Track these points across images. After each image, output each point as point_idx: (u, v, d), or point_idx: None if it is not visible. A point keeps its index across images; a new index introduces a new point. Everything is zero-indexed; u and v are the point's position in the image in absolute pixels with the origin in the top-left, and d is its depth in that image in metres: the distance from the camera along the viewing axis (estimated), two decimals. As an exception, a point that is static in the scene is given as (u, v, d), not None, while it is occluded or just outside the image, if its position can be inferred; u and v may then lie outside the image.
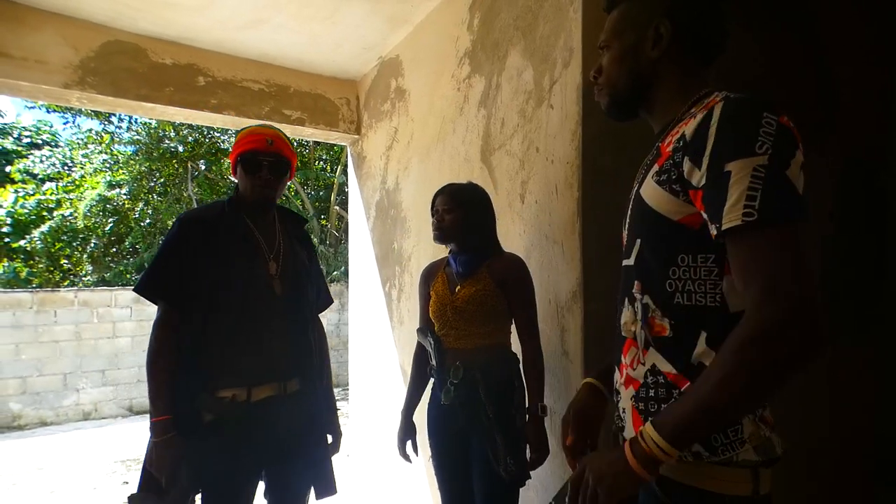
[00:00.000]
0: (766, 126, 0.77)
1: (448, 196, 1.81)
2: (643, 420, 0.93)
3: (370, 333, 3.47)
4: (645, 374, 0.94)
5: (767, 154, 0.76)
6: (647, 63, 0.99)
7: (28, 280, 9.57)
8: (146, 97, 2.88)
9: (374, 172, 3.46)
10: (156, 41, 2.92)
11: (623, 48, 1.02)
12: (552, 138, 1.90)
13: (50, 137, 12.69)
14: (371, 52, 3.22)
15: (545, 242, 1.92)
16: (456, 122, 2.53)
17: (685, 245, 0.88)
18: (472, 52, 2.41)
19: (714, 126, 0.81)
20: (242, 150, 1.69)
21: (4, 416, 6.65)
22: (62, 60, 2.67)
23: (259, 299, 1.67)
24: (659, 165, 0.92)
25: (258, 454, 1.66)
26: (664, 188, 0.89)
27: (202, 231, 1.64)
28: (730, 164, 0.77)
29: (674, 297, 0.90)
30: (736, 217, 0.76)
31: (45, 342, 6.91)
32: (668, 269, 0.90)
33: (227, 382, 1.60)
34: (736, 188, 0.76)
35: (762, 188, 0.75)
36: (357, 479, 3.60)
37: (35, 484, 4.63)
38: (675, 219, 0.89)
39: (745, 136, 0.78)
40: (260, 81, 3.25)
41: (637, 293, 0.96)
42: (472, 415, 1.66)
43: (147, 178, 10.38)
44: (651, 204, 0.92)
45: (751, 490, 0.85)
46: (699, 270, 0.87)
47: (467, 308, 1.72)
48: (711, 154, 0.81)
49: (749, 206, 0.75)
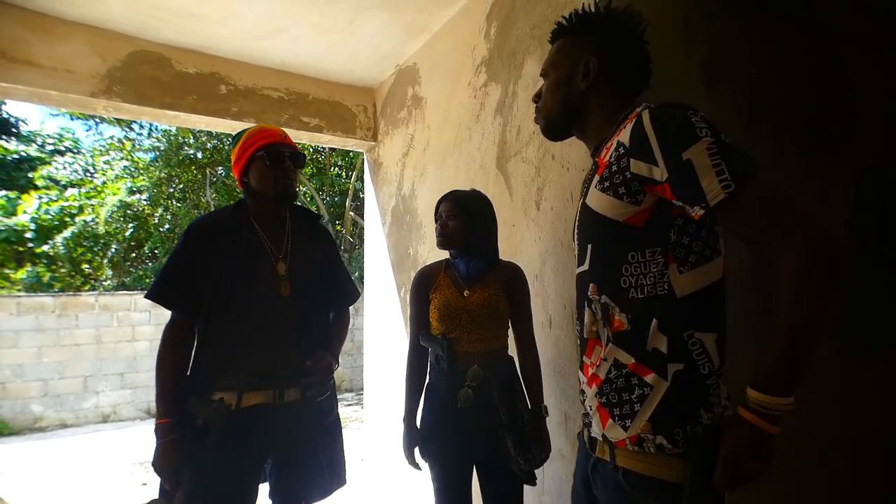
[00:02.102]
0: (693, 117, 0.91)
1: (452, 202, 1.84)
2: (609, 413, 1.01)
3: (385, 338, 3.50)
4: (608, 369, 1.02)
5: (709, 135, 0.89)
6: (577, 93, 1.14)
7: (50, 284, 9.76)
8: (170, 105, 2.95)
9: (391, 179, 3.50)
10: (180, 50, 2.99)
11: (557, 78, 1.17)
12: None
13: (72, 144, 13.00)
14: (388, 61, 3.27)
15: (560, 249, 1.94)
16: (472, 130, 2.56)
17: (632, 243, 0.98)
18: (489, 61, 2.44)
19: (650, 127, 0.93)
20: (263, 144, 1.67)
21: (26, 417, 6.78)
22: (90, 70, 2.75)
23: (263, 301, 1.63)
24: (599, 175, 1.03)
25: (252, 459, 1.62)
26: (608, 194, 1.00)
27: (208, 236, 1.65)
28: (685, 152, 0.89)
29: (629, 293, 0.99)
30: (718, 192, 0.86)
31: (66, 345, 7.04)
32: (621, 268, 0.99)
33: (220, 386, 1.58)
34: (704, 170, 0.87)
35: (723, 161, 0.87)
36: (372, 483, 3.61)
37: (56, 484, 4.71)
38: (622, 220, 0.98)
39: (686, 128, 0.90)
40: (279, 89, 3.32)
41: (594, 295, 1.05)
42: (486, 416, 1.67)
43: (166, 184, 10.55)
44: (598, 210, 1.02)
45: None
46: (648, 265, 0.97)
47: (481, 312, 1.75)
48: (662, 150, 0.92)
49: (723, 179, 0.86)
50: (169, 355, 1.60)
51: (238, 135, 1.73)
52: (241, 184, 1.73)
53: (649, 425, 0.95)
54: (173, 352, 1.60)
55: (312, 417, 1.72)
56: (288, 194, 1.71)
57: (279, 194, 1.69)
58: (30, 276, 9.64)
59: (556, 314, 1.93)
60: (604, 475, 1.04)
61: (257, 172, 1.68)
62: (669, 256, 0.95)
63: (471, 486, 1.79)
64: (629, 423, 0.97)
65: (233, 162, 1.73)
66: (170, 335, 1.62)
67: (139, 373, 7.50)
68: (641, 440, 0.95)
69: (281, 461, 1.69)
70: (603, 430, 1.03)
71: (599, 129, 1.12)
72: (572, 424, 1.86)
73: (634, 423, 0.96)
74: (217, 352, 1.60)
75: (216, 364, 1.59)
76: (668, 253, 0.95)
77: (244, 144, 1.69)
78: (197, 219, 1.73)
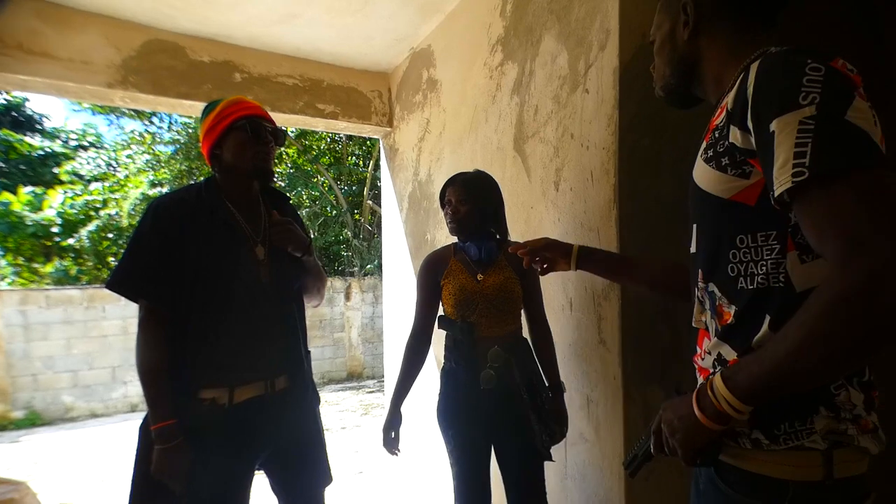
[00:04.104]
0: (810, 74, 0.70)
1: (461, 187, 1.80)
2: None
3: (404, 325, 3.48)
4: (713, 363, 0.90)
5: (814, 103, 0.68)
6: (682, 45, 0.98)
7: (77, 278, 9.98)
8: (185, 95, 2.95)
9: (407, 164, 3.47)
10: (194, 39, 2.98)
11: (662, 38, 1.03)
12: (587, 124, 1.86)
13: (95, 139, 13.22)
14: (403, 44, 3.22)
15: (580, 230, 1.89)
16: (488, 111, 2.51)
17: (742, 224, 0.83)
18: (505, 39, 2.38)
19: (751, 84, 0.76)
20: (244, 115, 1.54)
21: (58, 408, 6.98)
22: (105, 60, 2.76)
23: (244, 289, 1.53)
24: (706, 142, 0.88)
25: (251, 456, 1.56)
26: (711, 165, 0.85)
27: (179, 218, 1.49)
28: (773, 122, 0.71)
29: (737, 282, 0.84)
30: (786, 180, 0.69)
31: (94, 337, 7.22)
32: (728, 253, 0.85)
33: (209, 382, 1.48)
34: (782, 148, 0.69)
35: (811, 141, 0.67)
36: (394, 469, 3.63)
37: (87, 473, 4.84)
38: (727, 197, 0.83)
39: (786, 89, 0.71)
40: (294, 76, 3.30)
41: (701, 283, 0.93)
42: (508, 397, 1.68)
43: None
44: (701, 185, 0.88)
45: (822, 475, 0.78)
46: (760, 250, 0.81)
47: (497, 296, 1.74)
48: (753, 115, 0.75)
49: (798, 165, 0.67)
50: (152, 351, 1.45)
51: (211, 104, 1.59)
52: (209, 158, 1.59)
53: (747, 420, 0.82)
54: (157, 347, 1.45)
55: (305, 405, 1.68)
56: (266, 170, 1.59)
57: (257, 169, 1.57)
58: (57, 269, 9.86)
59: (576, 297, 1.89)
60: (704, 470, 0.94)
61: (235, 144, 1.54)
62: (789, 242, 0.78)
63: (489, 469, 1.80)
64: None
65: (203, 132, 1.57)
66: (147, 331, 1.46)
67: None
68: (737, 434, 0.84)
69: (281, 454, 1.63)
70: None
71: (719, 81, 0.94)
72: (594, 407, 1.82)
73: None
74: (199, 347, 1.47)
75: (199, 360, 1.47)
76: (787, 238, 0.78)
77: (220, 114, 1.55)
78: (161, 197, 1.56)
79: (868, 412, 0.79)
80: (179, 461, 1.42)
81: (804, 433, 0.78)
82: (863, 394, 0.79)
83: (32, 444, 5.93)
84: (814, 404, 0.78)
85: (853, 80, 0.71)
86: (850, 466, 0.78)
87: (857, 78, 0.72)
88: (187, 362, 1.47)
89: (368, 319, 9.35)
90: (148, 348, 1.45)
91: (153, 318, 1.47)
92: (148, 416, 1.46)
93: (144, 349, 1.45)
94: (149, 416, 1.45)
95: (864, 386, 0.79)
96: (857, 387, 0.79)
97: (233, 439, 1.49)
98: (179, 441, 1.42)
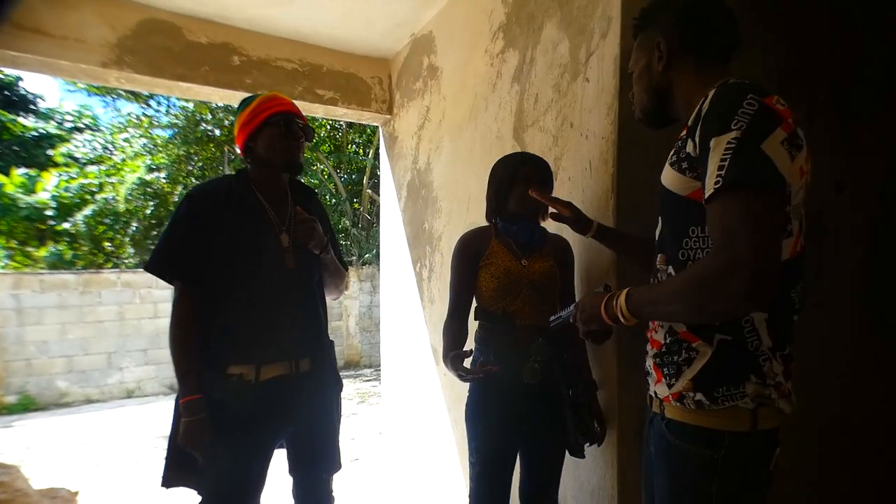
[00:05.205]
0: (746, 106, 0.89)
1: (542, 170, 1.72)
2: (661, 373, 1.12)
3: (401, 314, 3.49)
4: (664, 335, 1.11)
5: (740, 129, 0.87)
6: (657, 76, 1.18)
7: (72, 262, 9.93)
8: (182, 77, 2.90)
9: (406, 153, 3.45)
10: (191, 19, 2.92)
11: (640, 71, 1.23)
12: (587, 113, 1.85)
13: (91, 122, 12.98)
14: (403, 29, 3.19)
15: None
16: (488, 99, 2.49)
17: (694, 217, 1.01)
18: (507, 26, 2.36)
19: (705, 108, 0.95)
20: (279, 111, 1.64)
21: (52, 393, 6.97)
22: (100, 39, 2.70)
23: (271, 273, 1.63)
24: (673, 150, 1.08)
25: (272, 433, 1.65)
26: (674, 168, 1.05)
27: (212, 205, 1.61)
28: (714, 139, 0.90)
29: (686, 265, 1.05)
30: (710, 186, 0.89)
31: (89, 322, 7.21)
32: (682, 240, 1.05)
33: (237, 360, 1.58)
34: (713, 161, 0.89)
35: (730, 159, 0.87)
36: (390, 457, 3.64)
37: (81, 458, 4.85)
38: (684, 194, 1.03)
39: (725, 115, 0.90)
40: (293, 61, 3.25)
41: (661, 265, 1.14)
42: (550, 392, 1.62)
43: (185, 161, 10.61)
44: (665, 184, 1.08)
45: (748, 426, 1.00)
46: (706, 240, 1.01)
47: (543, 283, 1.68)
48: (701, 132, 0.94)
49: (719, 176, 0.88)
50: (183, 330, 1.57)
51: (248, 99, 1.70)
52: (243, 150, 1.69)
53: (691, 384, 1.04)
54: (187, 326, 1.57)
55: (327, 390, 1.77)
56: (295, 164, 1.69)
57: (287, 162, 1.67)
58: (52, 254, 9.81)
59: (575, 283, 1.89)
60: (655, 428, 1.15)
61: (268, 138, 1.64)
62: None
63: (512, 476, 1.73)
64: (674, 381, 1.07)
65: (239, 126, 1.68)
66: (180, 310, 1.58)
67: (162, 349, 7.64)
68: (682, 396, 1.05)
69: (300, 435, 1.72)
70: (655, 388, 1.15)
71: (690, 103, 1.10)
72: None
73: (678, 382, 1.06)
74: (228, 325, 1.58)
75: (228, 338, 1.58)
76: None
77: (257, 108, 1.65)
78: (197, 187, 1.69)
79: (786, 380, 1.02)
80: (203, 433, 1.52)
81: (738, 395, 1.00)
82: (783, 365, 1.02)
83: (26, 429, 5.93)
84: (746, 373, 1.00)
85: (780, 114, 0.90)
86: (769, 421, 1.02)
87: (786, 111, 0.91)
88: (217, 341, 1.58)
89: (366, 308, 9.36)
90: (179, 327, 1.57)
91: (185, 298, 1.59)
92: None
93: (176, 327, 1.57)
94: (178, 389, 1.57)
95: (785, 358, 1.02)
96: (779, 359, 1.01)
97: (256, 415, 1.58)
98: (204, 415, 1.53)
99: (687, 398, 1.04)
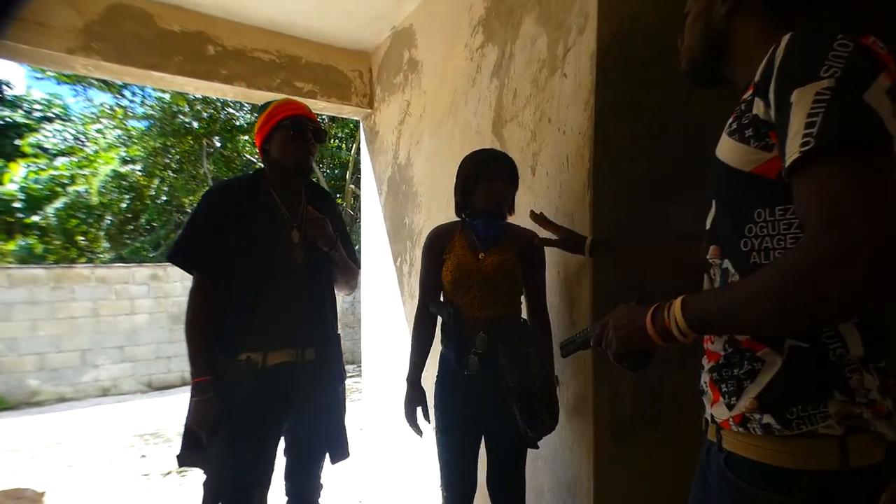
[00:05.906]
0: (837, 49, 0.69)
1: (509, 168, 1.76)
2: (718, 391, 0.88)
3: (382, 309, 3.47)
4: (723, 344, 0.88)
5: (834, 77, 0.67)
6: (718, 22, 0.95)
7: (43, 257, 9.67)
8: (154, 66, 2.83)
9: (386, 147, 3.43)
10: (162, 6, 2.84)
11: (698, 11, 0.99)
12: (565, 108, 1.85)
13: (61, 111, 12.51)
14: (384, 22, 3.15)
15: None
16: (468, 94, 2.49)
17: (761, 198, 0.81)
18: (486, 20, 2.35)
19: (779, 56, 0.74)
20: (289, 115, 1.74)
21: (23, 392, 6.75)
22: (64, 24, 2.59)
23: (280, 267, 1.73)
24: (732, 118, 0.86)
25: (274, 416, 1.73)
26: (734, 138, 0.83)
27: (229, 200, 1.74)
28: (794, 93, 0.69)
29: (749, 258, 0.82)
30: (794, 150, 0.67)
31: (62, 319, 7.00)
32: (744, 228, 0.83)
33: (246, 346, 1.67)
34: (796, 118, 0.68)
35: (823, 114, 0.65)
36: (370, 453, 3.63)
37: (53, 458, 4.72)
38: (748, 169, 0.82)
39: (810, 61, 0.69)
40: (270, 52, 3.19)
41: (714, 258, 0.92)
42: (493, 383, 1.65)
43: (162, 154, 10.39)
44: (724, 159, 0.86)
45: (838, 463, 0.75)
46: (777, 225, 0.79)
47: (495, 276, 1.71)
48: (776, 84, 0.73)
49: (807, 136, 0.66)
50: (197, 316, 1.68)
51: (265, 105, 1.82)
52: (261, 151, 1.81)
53: (756, 403, 0.81)
54: (201, 312, 1.69)
55: (330, 380, 1.85)
56: (304, 166, 1.79)
57: (297, 166, 1.77)
58: (21, 247, 9.55)
59: (549, 281, 1.89)
60: (714, 460, 0.90)
61: (279, 141, 1.75)
62: None
63: (477, 457, 1.79)
64: (734, 400, 0.84)
65: (256, 129, 1.81)
66: (196, 297, 1.70)
67: (139, 346, 7.51)
68: (746, 420, 0.82)
69: (303, 421, 1.80)
70: (711, 410, 0.91)
71: (750, 61, 0.87)
72: (565, 390, 1.84)
73: (740, 401, 0.83)
74: (240, 314, 1.69)
75: (240, 326, 1.68)
76: None
77: (270, 113, 1.76)
78: (217, 183, 1.83)
79: (883, 397, 0.77)
80: (210, 413, 1.63)
81: (818, 417, 0.76)
82: (878, 379, 0.77)
83: (-6, 427, 5.77)
84: (827, 387, 0.76)
85: (882, 59, 0.70)
86: (866, 454, 0.75)
87: (888, 57, 0.70)
88: (230, 328, 1.68)
89: (348, 304, 9.31)
90: (193, 313, 1.69)
91: (201, 287, 1.72)
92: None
93: (191, 313, 1.69)
94: (191, 371, 1.67)
95: (879, 372, 0.78)
96: (873, 371, 0.77)
97: (262, 398, 1.67)
98: (211, 395, 1.64)
99: (752, 422, 0.81)
